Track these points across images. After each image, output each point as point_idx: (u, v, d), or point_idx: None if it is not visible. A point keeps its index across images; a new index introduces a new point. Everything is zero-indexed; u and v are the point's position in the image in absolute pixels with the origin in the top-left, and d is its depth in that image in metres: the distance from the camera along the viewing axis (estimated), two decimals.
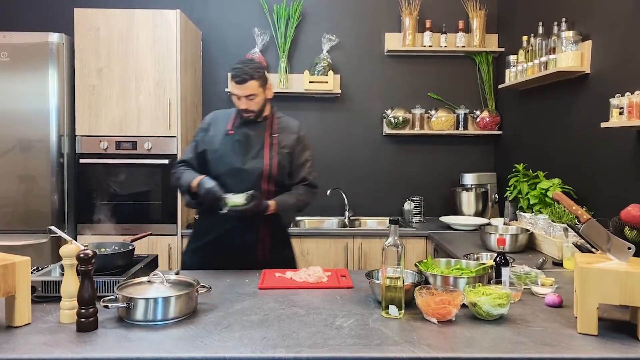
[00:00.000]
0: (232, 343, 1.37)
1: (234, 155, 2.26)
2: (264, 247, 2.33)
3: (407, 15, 3.85)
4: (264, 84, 2.24)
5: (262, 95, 2.25)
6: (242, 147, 2.28)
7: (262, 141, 2.30)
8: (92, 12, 3.30)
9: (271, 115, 2.36)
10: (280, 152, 2.31)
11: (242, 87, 2.18)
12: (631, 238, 1.70)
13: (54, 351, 1.32)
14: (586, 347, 1.36)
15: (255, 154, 2.28)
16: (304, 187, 2.36)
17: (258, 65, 2.24)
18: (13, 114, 3.22)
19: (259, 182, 2.27)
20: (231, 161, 2.26)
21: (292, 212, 2.36)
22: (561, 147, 3.02)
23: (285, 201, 2.28)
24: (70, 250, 1.51)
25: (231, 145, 2.27)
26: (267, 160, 2.28)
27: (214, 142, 2.30)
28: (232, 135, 2.29)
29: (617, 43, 2.49)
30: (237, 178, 2.24)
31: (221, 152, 2.28)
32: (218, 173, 2.26)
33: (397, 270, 1.59)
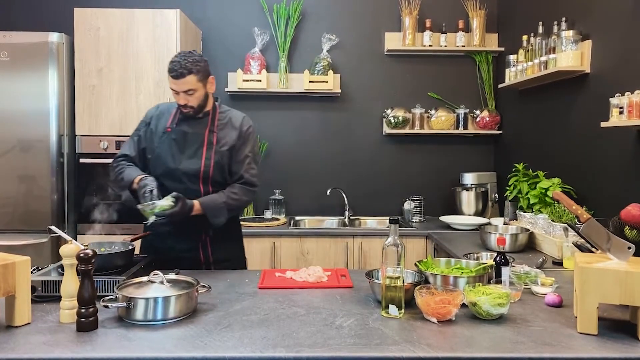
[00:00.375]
0: (232, 343, 1.37)
1: (169, 155, 2.17)
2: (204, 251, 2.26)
3: (407, 14, 3.85)
4: (203, 79, 2.14)
5: (202, 90, 2.15)
6: (178, 146, 2.18)
7: (201, 139, 2.20)
8: (92, 12, 3.30)
9: (213, 111, 2.26)
10: (219, 151, 2.20)
11: (179, 82, 2.08)
12: (631, 238, 1.70)
13: (54, 351, 1.32)
14: (586, 347, 1.36)
15: (192, 153, 2.18)
16: (238, 186, 2.23)
17: (197, 58, 2.12)
18: (13, 114, 3.22)
19: (196, 183, 2.18)
20: (166, 161, 2.17)
21: (220, 212, 2.16)
22: (561, 147, 3.02)
23: (212, 201, 2.15)
24: (70, 250, 1.51)
25: (168, 144, 2.18)
26: (204, 161, 2.18)
27: (153, 140, 2.22)
28: (169, 133, 2.20)
29: (617, 43, 2.49)
30: (173, 179, 2.16)
31: (158, 151, 2.19)
32: (155, 174, 2.18)
33: (397, 269, 1.59)
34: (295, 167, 4.02)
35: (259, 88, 3.80)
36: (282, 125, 4.00)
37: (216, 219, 2.16)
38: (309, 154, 4.01)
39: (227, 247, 2.34)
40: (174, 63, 2.09)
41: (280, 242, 3.40)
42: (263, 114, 3.98)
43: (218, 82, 3.89)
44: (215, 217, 2.16)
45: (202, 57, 2.15)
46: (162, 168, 2.18)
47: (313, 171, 4.02)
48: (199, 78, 2.11)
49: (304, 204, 3.99)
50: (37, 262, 2.06)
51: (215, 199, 2.16)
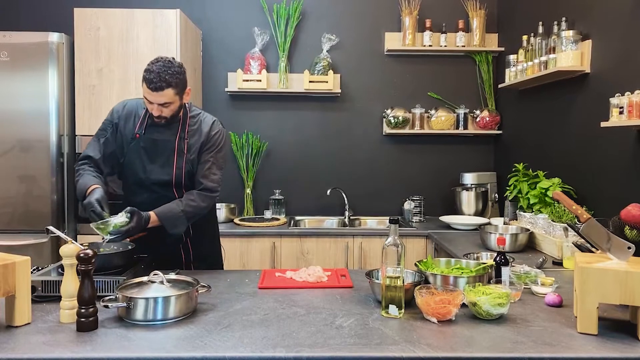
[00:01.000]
0: (232, 343, 1.37)
1: (139, 164, 2.10)
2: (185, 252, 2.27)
3: (407, 14, 3.85)
4: (181, 92, 2.04)
5: (177, 102, 2.05)
6: (148, 155, 2.10)
7: (171, 147, 2.11)
8: (92, 12, 3.30)
9: (184, 117, 2.16)
10: (190, 160, 2.13)
11: (155, 95, 1.96)
12: (631, 237, 1.70)
13: (54, 351, 1.32)
14: (586, 347, 1.36)
15: (163, 162, 2.12)
16: (196, 192, 2.13)
17: (177, 70, 2.00)
18: (13, 114, 3.22)
19: (170, 190, 2.13)
20: (137, 171, 2.11)
21: (179, 221, 2.07)
22: (561, 147, 3.02)
23: (169, 210, 2.05)
24: (70, 250, 1.51)
25: (137, 152, 2.10)
26: (175, 170, 2.11)
27: (122, 144, 2.14)
28: (138, 140, 2.11)
29: (617, 43, 2.49)
30: (144, 188, 2.12)
31: (127, 159, 2.13)
32: (126, 182, 2.16)
33: (397, 269, 1.59)
34: (295, 167, 4.02)
35: (259, 88, 3.80)
36: (282, 125, 4.00)
37: (175, 228, 2.07)
38: (309, 154, 4.01)
39: (206, 246, 2.34)
40: (152, 73, 1.95)
41: (280, 242, 3.40)
42: (263, 114, 3.98)
43: (218, 82, 3.92)
44: (173, 227, 2.07)
45: (182, 66, 2.05)
46: (133, 177, 2.14)
47: (313, 171, 4.02)
48: (176, 92, 2.01)
49: (304, 204, 3.99)
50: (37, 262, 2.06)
51: (172, 209, 2.07)
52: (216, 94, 3.93)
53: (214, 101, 3.91)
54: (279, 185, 3.93)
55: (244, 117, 3.97)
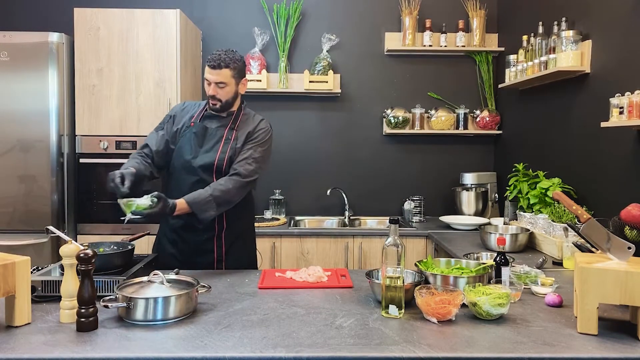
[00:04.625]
0: (232, 343, 1.37)
1: (188, 147, 2.23)
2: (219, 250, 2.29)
3: (407, 14, 3.85)
4: (238, 77, 2.21)
5: (233, 86, 2.20)
6: (197, 140, 2.24)
7: (220, 135, 2.25)
8: (92, 11, 3.30)
9: (238, 111, 2.31)
10: (234, 148, 2.23)
11: (214, 73, 2.16)
12: (631, 238, 1.70)
13: (54, 351, 1.32)
14: (586, 347, 1.36)
15: (210, 147, 2.23)
16: (226, 178, 2.18)
17: (237, 57, 2.22)
18: (13, 114, 3.22)
19: (210, 175, 2.21)
20: (184, 154, 2.23)
21: (208, 205, 2.09)
22: (561, 147, 3.02)
23: (198, 195, 2.08)
24: (70, 250, 1.51)
25: (188, 137, 2.25)
26: (219, 154, 2.21)
27: (176, 134, 2.28)
28: (192, 127, 2.26)
29: (617, 43, 2.49)
30: (188, 171, 2.21)
31: (179, 144, 2.26)
32: (174, 166, 2.25)
33: (397, 269, 1.58)
34: (295, 167, 4.02)
35: (259, 88, 3.80)
36: (282, 125, 4.00)
37: (204, 213, 2.09)
38: (309, 154, 4.01)
39: (239, 244, 2.35)
40: (214, 54, 2.18)
41: (280, 242, 3.40)
42: (263, 114, 3.92)
43: None
44: (203, 212, 2.08)
45: (242, 58, 2.26)
46: (181, 161, 2.24)
47: (313, 171, 4.02)
48: (233, 74, 2.19)
49: (304, 204, 3.99)
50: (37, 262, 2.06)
51: (201, 193, 2.10)
52: None
53: None
54: (279, 185, 3.93)
55: None
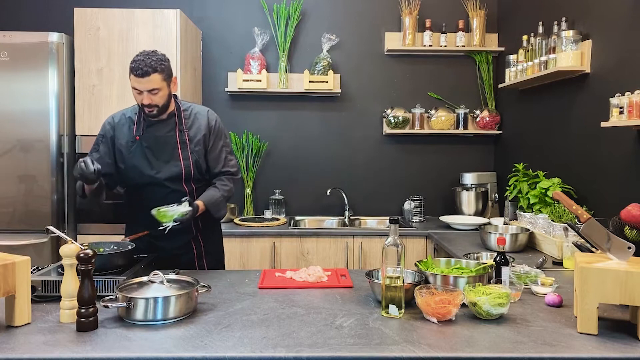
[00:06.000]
0: (232, 342, 1.37)
1: (145, 163, 2.15)
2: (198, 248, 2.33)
3: (407, 14, 3.85)
4: (168, 78, 2.11)
5: (166, 89, 2.11)
6: (152, 152, 2.16)
7: (173, 141, 2.18)
8: (92, 11, 3.30)
9: (178, 110, 2.23)
10: (195, 151, 2.21)
11: (143, 81, 2.03)
12: (631, 237, 1.70)
13: (54, 351, 1.32)
14: (586, 347, 1.36)
15: (168, 157, 2.17)
16: (226, 178, 2.29)
17: (161, 57, 2.09)
18: (13, 114, 3.22)
19: (179, 185, 2.19)
20: (144, 170, 2.15)
21: (221, 205, 2.25)
22: (561, 147, 3.02)
23: (212, 196, 2.20)
24: (70, 250, 1.51)
25: (140, 153, 2.15)
26: (182, 162, 2.17)
27: (121, 151, 2.17)
28: (139, 141, 2.16)
29: (617, 42, 2.49)
30: (155, 185, 2.16)
31: (132, 162, 2.16)
32: (134, 184, 2.18)
33: (397, 269, 1.59)
34: (295, 167, 4.02)
35: (259, 88, 3.80)
36: (282, 125, 4.00)
37: (219, 212, 2.26)
38: (309, 154, 4.01)
39: (214, 241, 2.43)
40: (137, 62, 2.03)
41: (280, 242, 3.40)
42: (263, 114, 3.98)
43: (218, 82, 3.92)
44: (218, 212, 2.25)
45: (165, 56, 2.12)
46: (140, 178, 2.17)
47: (313, 171, 4.02)
48: (163, 77, 2.08)
49: (304, 204, 3.99)
50: (37, 262, 2.06)
51: (214, 195, 2.22)
52: (216, 94, 3.93)
53: (214, 101, 3.91)
54: (279, 185, 3.93)
55: (244, 117, 3.97)
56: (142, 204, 2.14)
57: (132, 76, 2.05)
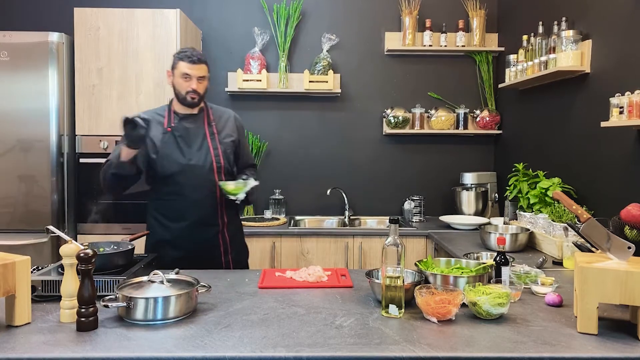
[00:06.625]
0: (232, 342, 1.37)
1: (177, 152, 2.26)
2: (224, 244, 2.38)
3: (407, 14, 3.85)
4: (209, 73, 2.34)
5: (207, 82, 2.32)
6: (185, 142, 2.28)
7: (202, 132, 2.33)
8: (92, 11, 3.30)
9: (206, 107, 2.41)
10: (223, 142, 2.35)
11: (195, 67, 2.23)
12: (631, 237, 1.70)
13: (54, 351, 1.32)
14: (586, 347, 1.36)
15: (199, 146, 2.30)
16: (251, 170, 2.52)
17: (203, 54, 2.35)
18: (13, 114, 3.22)
19: (212, 175, 2.29)
20: (177, 158, 2.25)
21: (255, 190, 2.37)
22: (561, 147, 3.02)
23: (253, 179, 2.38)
24: (70, 249, 1.51)
25: (173, 142, 2.26)
26: (212, 152, 2.30)
27: (154, 144, 2.26)
28: (171, 132, 2.28)
29: (617, 42, 2.49)
30: (188, 174, 2.26)
31: (165, 151, 2.25)
32: (167, 173, 2.25)
33: (397, 269, 1.59)
34: (295, 167, 4.02)
35: (259, 88, 3.80)
36: (282, 125, 4.00)
37: (253, 196, 2.37)
38: (309, 154, 4.01)
39: (238, 236, 2.51)
40: (188, 51, 2.25)
41: (280, 241, 3.40)
42: (263, 114, 3.98)
43: (218, 82, 3.93)
44: (252, 195, 2.36)
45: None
46: (175, 165, 2.26)
47: (313, 171, 4.02)
48: (208, 69, 2.32)
49: (304, 204, 3.99)
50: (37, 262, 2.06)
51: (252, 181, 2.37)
52: (216, 94, 3.92)
53: (214, 101, 3.84)
54: (279, 185, 3.93)
55: (244, 117, 3.90)
56: (176, 193, 2.26)
57: (182, 63, 2.23)
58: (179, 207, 2.26)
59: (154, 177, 2.30)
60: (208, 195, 2.29)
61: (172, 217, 2.27)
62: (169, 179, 2.26)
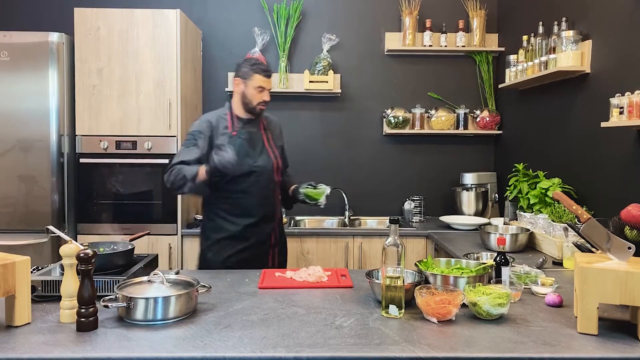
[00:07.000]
0: (232, 342, 1.37)
1: (245, 155, 2.38)
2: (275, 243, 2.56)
3: (407, 14, 3.85)
4: None
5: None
6: (250, 146, 2.43)
7: (261, 136, 2.50)
8: (92, 11, 3.30)
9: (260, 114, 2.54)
10: (277, 146, 2.57)
11: (268, 81, 2.42)
12: (631, 238, 1.70)
13: (53, 351, 1.32)
14: (586, 347, 1.36)
15: (260, 150, 2.47)
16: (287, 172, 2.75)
17: None
18: (13, 114, 3.22)
19: (273, 176, 2.50)
20: (245, 161, 2.37)
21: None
22: (561, 147, 3.02)
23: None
24: (70, 249, 1.51)
25: (239, 146, 2.37)
26: (272, 154, 2.50)
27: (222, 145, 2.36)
28: (236, 136, 2.41)
29: (617, 43, 2.49)
30: (254, 176, 2.41)
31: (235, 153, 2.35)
32: (238, 174, 2.37)
33: (397, 269, 1.59)
34: (295, 167, 3.99)
35: None
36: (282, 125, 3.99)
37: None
38: (309, 154, 4.01)
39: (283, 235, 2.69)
40: (261, 64, 2.42)
41: None
42: None
43: (218, 82, 3.92)
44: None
45: None
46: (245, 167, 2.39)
47: (313, 171, 4.01)
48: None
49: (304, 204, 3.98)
50: (37, 262, 2.06)
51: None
52: (216, 94, 3.92)
53: (214, 101, 3.91)
54: None
55: None
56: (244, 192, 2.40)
57: (258, 76, 2.38)
58: (247, 204, 2.41)
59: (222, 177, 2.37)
60: (271, 194, 2.50)
61: (239, 214, 2.41)
62: (239, 179, 2.38)
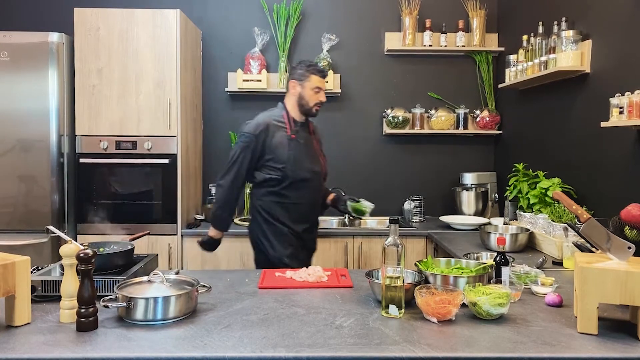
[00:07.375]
0: (232, 342, 1.37)
1: (306, 158, 2.38)
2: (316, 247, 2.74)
3: (407, 14, 3.85)
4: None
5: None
6: (307, 150, 2.43)
7: (312, 141, 2.51)
8: (92, 11, 3.30)
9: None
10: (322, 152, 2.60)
11: (324, 82, 2.43)
12: (631, 237, 1.70)
13: (53, 351, 1.32)
14: (586, 347, 1.36)
15: (313, 153, 2.48)
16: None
17: None
18: (13, 114, 3.22)
19: (322, 181, 2.55)
20: (307, 165, 2.39)
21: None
22: (561, 147, 3.02)
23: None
24: (70, 249, 1.51)
25: (299, 149, 2.36)
26: (322, 160, 2.53)
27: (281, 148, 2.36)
28: (295, 139, 2.38)
29: (617, 42, 2.49)
30: (314, 180, 2.41)
31: (294, 157, 2.36)
32: (298, 179, 2.35)
33: (397, 269, 1.59)
34: None
35: (259, 88, 3.80)
36: None
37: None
38: None
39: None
40: (316, 65, 2.42)
41: None
42: None
43: (218, 82, 3.92)
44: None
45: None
46: (305, 172, 2.38)
47: None
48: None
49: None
50: (37, 262, 2.06)
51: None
52: (216, 94, 3.92)
53: (214, 101, 3.91)
54: None
55: (244, 117, 3.90)
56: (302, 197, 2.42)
57: (315, 77, 2.39)
58: (304, 210, 2.44)
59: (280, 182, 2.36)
60: (319, 200, 2.56)
61: (296, 219, 2.42)
62: (299, 183, 2.35)
